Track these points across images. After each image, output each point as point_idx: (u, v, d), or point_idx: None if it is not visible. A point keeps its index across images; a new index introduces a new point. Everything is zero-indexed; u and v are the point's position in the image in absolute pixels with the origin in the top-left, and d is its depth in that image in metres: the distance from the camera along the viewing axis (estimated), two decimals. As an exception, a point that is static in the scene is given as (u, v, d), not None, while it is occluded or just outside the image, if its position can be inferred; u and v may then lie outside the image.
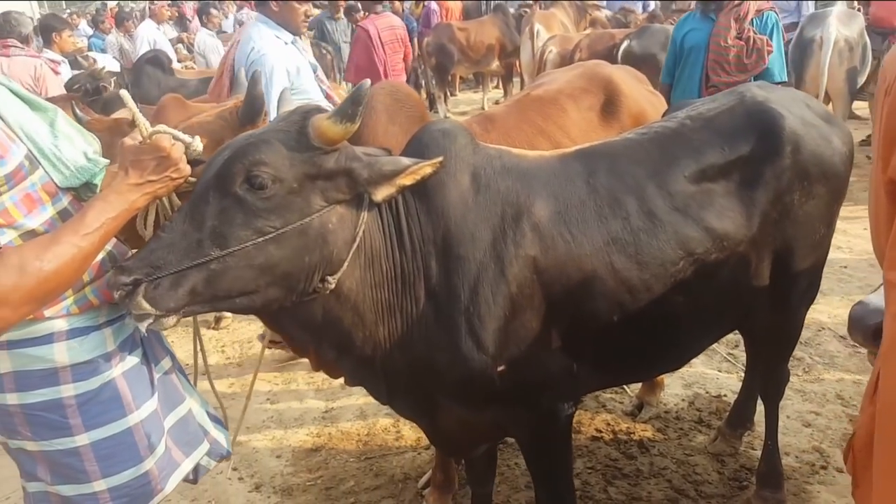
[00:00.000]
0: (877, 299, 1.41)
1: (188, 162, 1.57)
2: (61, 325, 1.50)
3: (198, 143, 1.57)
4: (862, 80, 6.57)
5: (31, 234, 1.41)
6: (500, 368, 1.84)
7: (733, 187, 2.17)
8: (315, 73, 3.98)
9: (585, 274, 1.92)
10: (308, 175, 1.62)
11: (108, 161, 1.58)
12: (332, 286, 1.67)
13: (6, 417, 1.54)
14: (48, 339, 1.49)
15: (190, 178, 1.60)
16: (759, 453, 3.14)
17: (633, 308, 2.01)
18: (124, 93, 1.54)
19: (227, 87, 3.78)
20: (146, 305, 1.46)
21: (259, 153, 1.57)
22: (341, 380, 3.21)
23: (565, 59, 7.14)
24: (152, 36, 9.11)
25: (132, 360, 1.66)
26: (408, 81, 8.58)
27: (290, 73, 3.69)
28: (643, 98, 2.98)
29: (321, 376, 4.11)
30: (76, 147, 1.54)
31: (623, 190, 2.02)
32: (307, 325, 1.78)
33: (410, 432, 3.51)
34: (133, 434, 1.61)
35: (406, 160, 1.70)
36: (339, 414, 3.76)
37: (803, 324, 2.66)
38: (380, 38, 7.17)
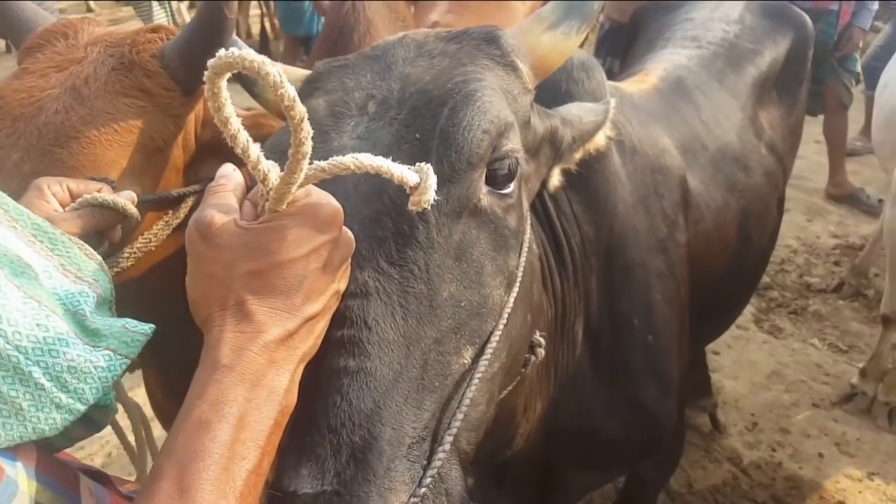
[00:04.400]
0: None
1: None
2: None
3: (430, 191, 0.60)
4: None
5: None
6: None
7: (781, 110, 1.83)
8: None
9: (724, 244, 1.42)
10: (525, 148, 0.84)
11: (149, 328, 0.62)
12: (543, 351, 0.92)
13: None
14: None
15: None
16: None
17: (741, 273, 1.59)
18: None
19: None
20: None
21: (495, 107, 0.73)
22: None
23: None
24: None
25: None
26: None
27: None
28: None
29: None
30: (46, 300, 0.55)
31: (730, 128, 1.52)
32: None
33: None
34: None
35: (596, 107, 0.96)
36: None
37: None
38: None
